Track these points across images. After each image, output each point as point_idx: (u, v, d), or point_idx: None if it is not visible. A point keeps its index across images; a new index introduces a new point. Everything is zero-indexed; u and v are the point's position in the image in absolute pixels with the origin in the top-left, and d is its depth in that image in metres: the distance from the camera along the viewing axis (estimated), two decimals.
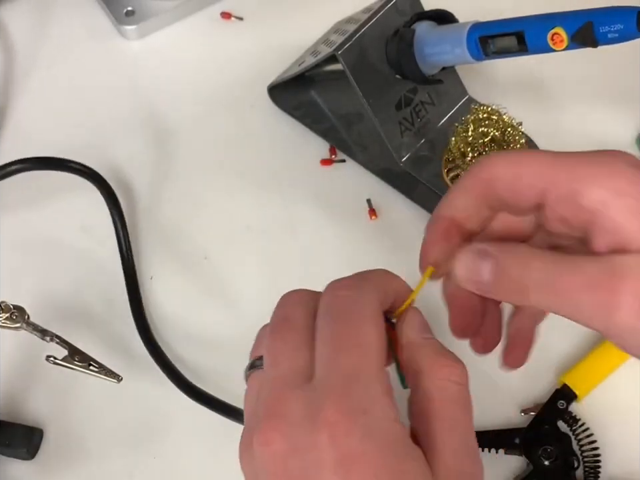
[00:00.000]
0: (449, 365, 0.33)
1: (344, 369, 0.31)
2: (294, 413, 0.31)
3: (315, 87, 0.59)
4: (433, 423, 0.32)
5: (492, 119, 0.51)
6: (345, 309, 0.33)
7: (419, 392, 0.33)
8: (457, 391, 0.32)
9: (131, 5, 0.63)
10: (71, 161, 0.54)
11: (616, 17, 0.42)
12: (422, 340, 0.34)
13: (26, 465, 0.47)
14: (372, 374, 0.31)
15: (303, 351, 0.33)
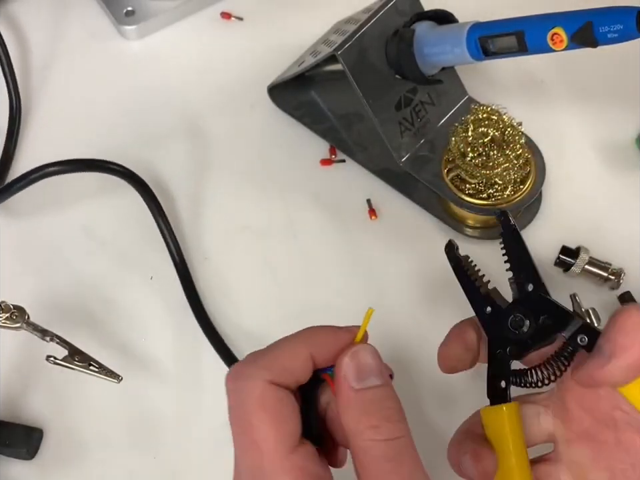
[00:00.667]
0: (374, 424, 0.32)
1: (248, 470, 0.32)
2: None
3: (315, 86, 0.59)
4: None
5: (492, 119, 0.51)
6: (232, 406, 0.33)
7: (352, 451, 0.32)
8: (384, 449, 0.32)
9: (131, 5, 0.63)
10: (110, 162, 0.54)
11: (616, 17, 0.42)
12: (351, 394, 0.33)
13: (26, 465, 0.47)
14: (272, 468, 0.31)
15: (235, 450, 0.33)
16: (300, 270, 0.53)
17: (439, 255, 0.53)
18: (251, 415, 0.32)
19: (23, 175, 0.53)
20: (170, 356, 0.50)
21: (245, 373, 0.33)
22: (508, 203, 0.51)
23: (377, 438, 0.32)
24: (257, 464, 0.32)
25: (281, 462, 0.31)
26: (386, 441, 0.32)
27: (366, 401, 0.33)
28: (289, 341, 0.35)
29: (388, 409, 0.33)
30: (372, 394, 0.33)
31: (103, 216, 0.55)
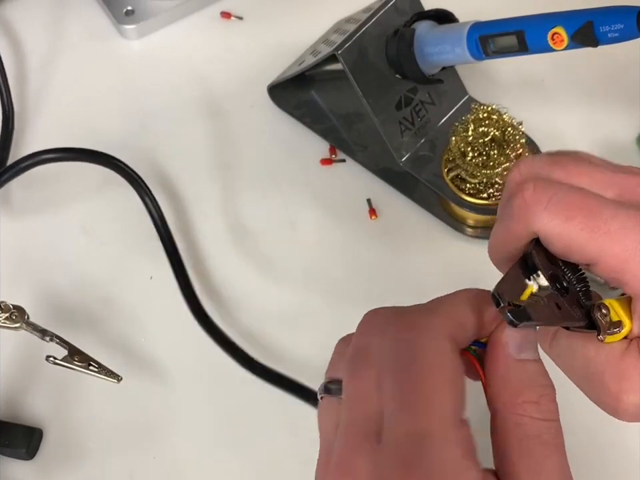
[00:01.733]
0: (534, 400, 0.30)
1: (410, 431, 0.28)
2: (362, 473, 0.28)
3: (314, 86, 0.59)
4: (515, 465, 0.29)
5: (492, 119, 0.51)
6: (404, 358, 0.29)
7: (500, 425, 0.30)
8: (542, 429, 0.29)
9: (131, 5, 0.63)
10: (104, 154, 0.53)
11: (616, 16, 0.42)
12: (512, 364, 0.30)
13: (26, 465, 0.47)
14: (443, 436, 0.28)
15: (376, 396, 0.30)
16: (300, 270, 0.53)
17: (439, 254, 0.54)
18: (428, 372, 0.29)
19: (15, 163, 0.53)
20: (170, 356, 0.50)
21: (423, 324, 0.30)
22: None
23: (537, 416, 0.29)
24: (423, 428, 0.28)
25: (455, 430, 0.28)
26: (545, 420, 0.29)
27: (527, 372, 0.30)
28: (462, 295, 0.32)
29: (547, 386, 0.30)
30: (533, 367, 0.31)
31: (102, 215, 0.55)
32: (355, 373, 0.31)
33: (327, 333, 0.50)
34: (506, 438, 0.29)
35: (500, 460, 0.29)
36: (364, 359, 0.31)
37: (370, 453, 0.28)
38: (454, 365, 0.29)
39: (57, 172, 0.54)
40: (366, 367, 0.30)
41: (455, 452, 0.28)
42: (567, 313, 0.31)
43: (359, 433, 0.29)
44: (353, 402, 0.30)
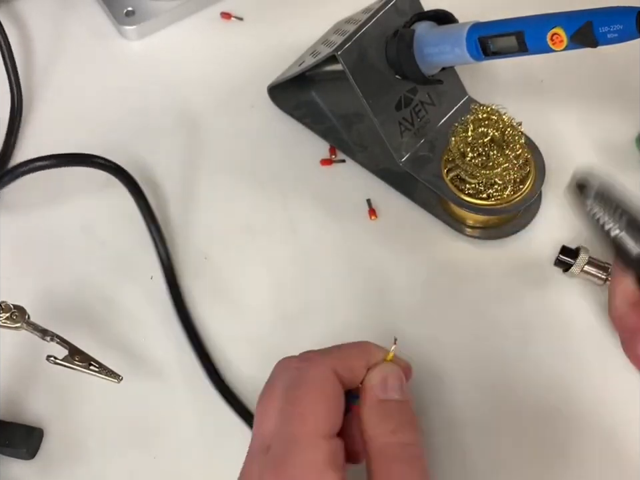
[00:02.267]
0: (392, 429, 0.35)
1: (285, 437, 0.34)
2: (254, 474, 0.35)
3: (314, 87, 0.59)
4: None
5: (492, 119, 0.51)
6: (295, 381, 0.36)
7: (367, 453, 0.35)
8: (396, 451, 0.35)
9: (131, 5, 0.63)
10: (96, 156, 0.54)
11: (615, 17, 0.42)
12: (375, 402, 0.37)
13: (26, 465, 0.47)
14: (309, 441, 0.34)
15: (273, 417, 0.36)
16: (299, 270, 0.53)
17: (438, 254, 0.54)
18: (308, 391, 0.35)
19: (10, 169, 0.53)
20: (170, 356, 0.50)
21: (315, 358, 0.37)
22: (508, 203, 0.51)
23: (393, 440, 0.35)
24: (295, 435, 0.34)
25: (320, 440, 0.34)
26: (401, 444, 0.35)
27: (387, 408, 0.36)
28: (356, 347, 0.39)
29: (405, 419, 0.36)
30: (393, 404, 0.37)
31: (103, 215, 0.55)
32: (260, 402, 0.37)
33: (327, 332, 0.51)
34: (370, 462, 0.35)
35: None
36: (269, 391, 0.37)
37: (260, 460, 0.35)
38: (332, 390, 0.36)
39: (56, 172, 0.54)
40: (269, 396, 0.37)
41: (316, 457, 0.33)
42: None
43: (255, 447, 0.36)
44: (255, 425, 0.37)
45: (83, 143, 0.57)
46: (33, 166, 0.53)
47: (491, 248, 0.53)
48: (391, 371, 0.38)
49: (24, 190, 0.55)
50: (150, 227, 0.53)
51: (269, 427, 0.36)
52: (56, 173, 0.54)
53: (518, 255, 0.53)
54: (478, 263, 0.53)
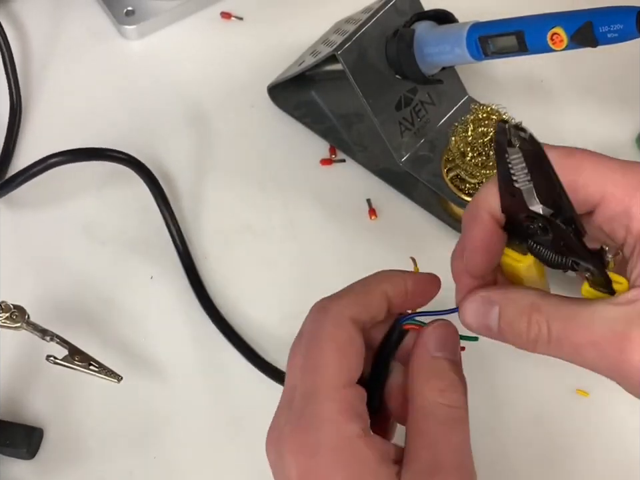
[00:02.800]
0: (441, 388, 0.34)
1: (305, 390, 0.34)
2: (280, 426, 0.34)
3: (315, 87, 0.59)
4: (415, 440, 0.33)
5: (492, 119, 0.51)
6: (310, 332, 0.35)
7: (411, 407, 0.34)
8: (444, 412, 0.34)
9: (131, 5, 0.63)
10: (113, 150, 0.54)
11: (615, 16, 0.42)
12: (426, 358, 0.35)
13: (26, 465, 0.47)
14: (326, 393, 0.33)
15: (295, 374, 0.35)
16: (299, 270, 0.53)
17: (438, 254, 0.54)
18: (321, 342, 0.34)
19: (27, 168, 0.53)
20: (170, 356, 0.50)
21: (328, 306, 0.36)
22: None
23: (441, 401, 0.34)
24: (313, 388, 0.33)
25: (335, 391, 0.33)
26: (447, 405, 0.34)
27: (439, 366, 0.35)
28: (368, 281, 0.37)
29: (455, 380, 0.35)
30: (445, 363, 0.35)
31: (102, 215, 0.55)
32: (292, 351, 0.36)
33: None
34: (412, 418, 0.34)
35: (406, 438, 0.34)
36: (296, 347, 0.36)
37: (285, 414, 0.35)
38: (347, 338, 0.34)
39: (56, 172, 0.54)
40: (298, 345, 0.36)
41: (332, 407, 0.33)
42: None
43: (285, 398, 0.35)
44: (287, 374, 0.36)
45: (82, 141, 0.57)
46: (47, 163, 0.53)
47: None
48: (446, 330, 0.36)
49: (23, 190, 0.55)
50: (166, 219, 0.53)
51: (292, 382, 0.35)
52: (56, 173, 0.54)
53: None
54: None
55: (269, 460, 0.35)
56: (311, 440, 0.32)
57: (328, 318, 0.35)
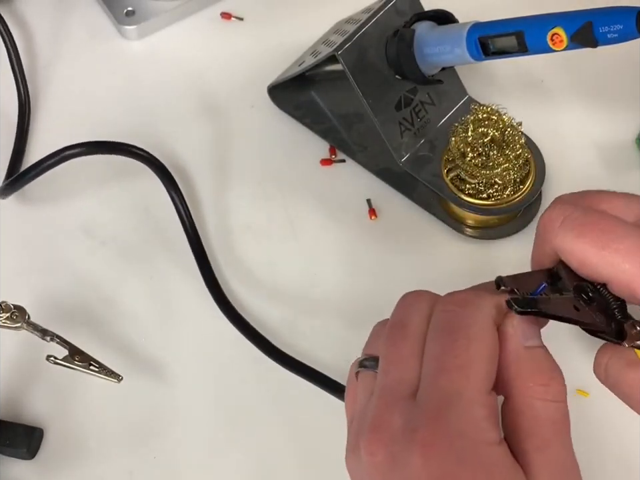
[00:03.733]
0: (544, 383, 0.32)
1: (444, 389, 0.31)
2: (396, 427, 0.31)
3: (315, 87, 0.59)
4: (524, 442, 0.31)
5: (492, 119, 0.51)
6: (453, 326, 0.33)
7: (512, 407, 0.32)
8: (551, 410, 0.32)
9: (131, 5, 0.63)
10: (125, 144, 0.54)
11: (615, 17, 0.42)
12: (522, 351, 0.33)
13: (26, 465, 0.47)
14: (472, 397, 0.31)
15: (413, 362, 0.33)
16: (299, 270, 0.53)
17: (438, 254, 0.54)
18: (470, 341, 0.32)
19: (42, 160, 0.53)
20: (170, 356, 0.50)
21: (476, 302, 0.33)
22: (508, 203, 0.51)
23: (547, 398, 0.32)
24: (456, 388, 0.31)
25: (484, 395, 0.31)
26: (553, 402, 0.32)
27: (535, 357, 0.33)
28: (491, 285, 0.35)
29: (555, 370, 0.33)
30: (540, 352, 0.33)
31: (103, 216, 0.55)
32: (393, 341, 0.34)
33: (327, 332, 0.51)
34: (517, 419, 0.32)
35: (510, 440, 0.32)
36: (402, 330, 0.34)
37: (404, 409, 0.32)
38: (494, 341, 0.32)
39: (56, 172, 0.54)
40: (403, 337, 0.34)
41: (479, 413, 0.31)
42: (586, 314, 0.33)
43: (394, 393, 0.32)
44: (390, 367, 0.34)
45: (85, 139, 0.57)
46: (63, 155, 0.53)
47: (490, 248, 0.53)
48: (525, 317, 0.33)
49: (24, 190, 0.55)
50: (182, 215, 0.53)
51: (408, 374, 0.33)
52: (56, 173, 0.54)
53: (518, 255, 0.53)
54: (477, 262, 0.53)
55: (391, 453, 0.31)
56: (455, 445, 0.30)
57: (478, 314, 0.33)
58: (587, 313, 0.34)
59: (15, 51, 0.59)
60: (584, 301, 0.34)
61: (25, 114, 0.59)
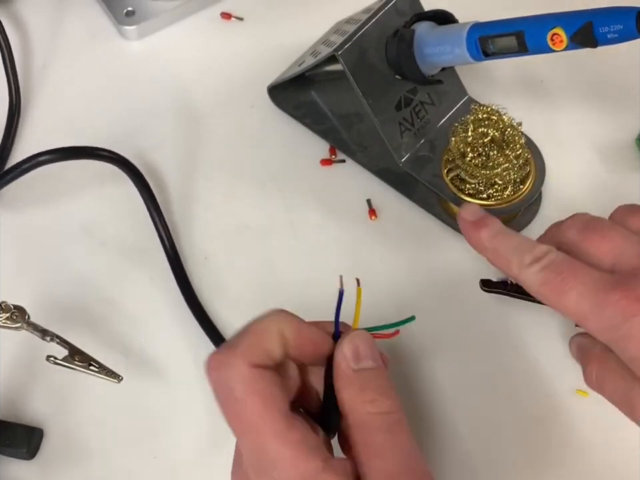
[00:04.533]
0: (371, 399, 0.35)
1: (251, 453, 0.34)
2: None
3: (315, 87, 0.59)
4: (361, 454, 0.34)
5: (492, 119, 0.51)
6: (218, 394, 0.35)
7: (348, 424, 0.35)
8: (379, 420, 0.35)
9: (131, 5, 0.63)
10: (102, 149, 0.53)
11: (615, 17, 0.42)
12: (351, 373, 0.36)
13: (26, 465, 0.47)
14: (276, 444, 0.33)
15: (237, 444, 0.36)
16: (299, 270, 0.53)
17: (438, 254, 0.54)
18: (241, 400, 0.33)
19: (15, 165, 0.53)
20: (170, 356, 0.50)
21: (227, 361, 0.34)
22: (508, 203, 0.51)
23: (374, 411, 0.35)
24: (258, 445, 0.33)
25: (282, 438, 0.33)
26: (381, 413, 0.35)
27: (363, 379, 0.36)
28: (261, 323, 0.36)
29: (382, 387, 0.36)
30: (368, 373, 0.36)
31: (102, 216, 0.55)
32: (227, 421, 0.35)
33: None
34: (353, 433, 0.35)
35: (350, 452, 0.35)
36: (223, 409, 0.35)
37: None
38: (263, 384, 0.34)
39: (56, 172, 0.54)
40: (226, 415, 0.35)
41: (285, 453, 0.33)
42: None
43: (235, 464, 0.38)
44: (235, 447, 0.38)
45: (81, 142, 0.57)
46: (37, 161, 0.52)
47: None
48: (360, 339, 0.37)
49: (23, 189, 0.55)
50: (155, 219, 0.53)
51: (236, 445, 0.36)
52: (56, 173, 0.54)
53: None
54: (477, 263, 0.53)
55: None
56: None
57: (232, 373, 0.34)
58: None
59: (8, 51, 0.59)
60: None
61: (13, 117, 0.58)
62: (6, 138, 0.58)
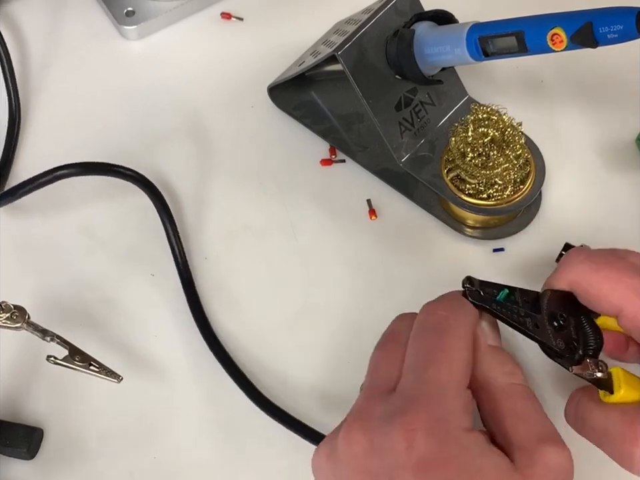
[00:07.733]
0: (509, 371, 0.38)
1: (432, 380, 0.35)
2: (377, 415, 0.34)
3: (314, 87, 0.59)
4: (504, 421, 0.36)
5: (492, 119, 0.51)
6: (441, 326, 0.37)
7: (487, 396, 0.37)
8: (520, 390, 0.37)
9: (131, 6, 0.63)
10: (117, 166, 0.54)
11: (615, 17, 0.42)
12: (488, 349, 0.39)
13: (26, 465, 0.47)
14: (455, 389, 0.35)
15: (398, 361, 0.37)
16: (299, 270, 0.53)
17: (438, 255, 0.54)
18: (457, 339, 0.37)
19: (33, 178, 0.53)
20: (170, 356, 0.50)
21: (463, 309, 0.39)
22: (508, 203, 0.51)
23: (514, 381, 0.38)
24: (440, 378, 0.35)
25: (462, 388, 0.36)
26: (520, 385, 0.38)
27: (500, 353, 0.39)
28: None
29: (515, 363, 0.39)
30: (501, 350, 0.40)
31: (103, 216, 0.55)
32: (381, 347, 0.39)
33: (327, 331, 0.51)
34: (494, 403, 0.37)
35: (489, 422, 0.37)
36: (389, 336, 0.39)
37: (384, 400, 0.35)
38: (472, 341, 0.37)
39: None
40: (392, 341, 0.39)
41: (458, 403, 0.35)
42: (544, 334, 0.39)
43: (375, 389, 0.36)
44: (374, 368, 0.38)
45: (83, 146, 0.57)
46: (54, 175, 0.53)
47: (490, 248, 0.53)
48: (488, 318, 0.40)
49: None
50: (168, 231, 0.53)
51: (391, 373, 0.37)
52: None
53: (518, 255, 0.53)
54: (477, 263, 0.53)
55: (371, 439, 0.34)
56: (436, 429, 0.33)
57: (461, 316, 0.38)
58: (546, 333, 0.39)
59: (6, 55, 0.58)
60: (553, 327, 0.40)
61: (15, 123, 0.58)
62: (8, 146, 0.57)
